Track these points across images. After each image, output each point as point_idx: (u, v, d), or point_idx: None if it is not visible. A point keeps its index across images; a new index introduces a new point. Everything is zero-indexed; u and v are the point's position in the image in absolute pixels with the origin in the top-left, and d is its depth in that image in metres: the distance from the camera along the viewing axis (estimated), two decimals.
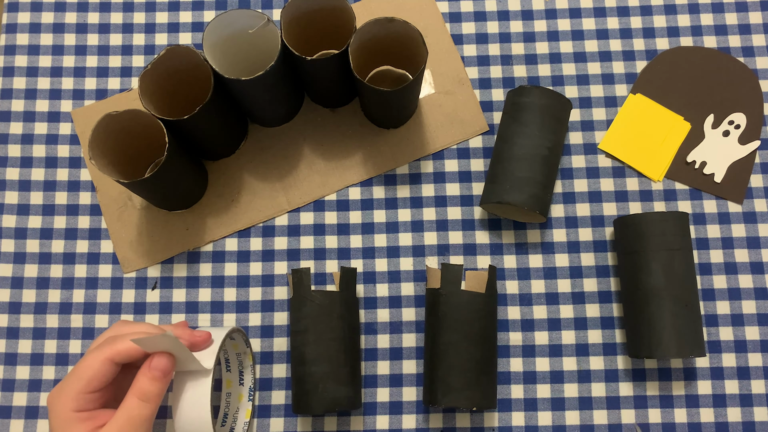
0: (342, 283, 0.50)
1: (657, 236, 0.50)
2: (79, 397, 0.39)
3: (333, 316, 0.48)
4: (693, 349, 0.48)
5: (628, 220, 0.51)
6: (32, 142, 0.58)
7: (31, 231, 0.56)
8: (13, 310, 0.55)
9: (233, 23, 0.48)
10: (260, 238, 0.56)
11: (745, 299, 0.54)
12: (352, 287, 0.51)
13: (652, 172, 0.56)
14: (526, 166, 0.51)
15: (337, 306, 0.49)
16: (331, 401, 0.47)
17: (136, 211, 0.57)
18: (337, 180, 0.57)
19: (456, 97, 0.58)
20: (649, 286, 0.49)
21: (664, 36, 0.59)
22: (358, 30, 0.47)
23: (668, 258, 0.49)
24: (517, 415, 0.53)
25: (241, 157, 0.58)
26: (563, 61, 0.59)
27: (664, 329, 0.48)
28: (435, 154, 0.57)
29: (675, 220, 0.50)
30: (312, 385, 0.47)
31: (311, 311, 0.49)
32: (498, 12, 0.60)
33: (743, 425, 0.52)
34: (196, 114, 0.47)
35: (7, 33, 0.60)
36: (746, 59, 0.58)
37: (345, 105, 0.58)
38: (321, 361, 0.48)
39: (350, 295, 0.50)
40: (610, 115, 0.58)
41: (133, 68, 0.60)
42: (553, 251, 0.55)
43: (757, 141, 0.57)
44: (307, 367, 0.48)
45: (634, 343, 0.50)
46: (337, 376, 0.48)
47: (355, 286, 0.51)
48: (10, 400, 0.54)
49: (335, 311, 0.49)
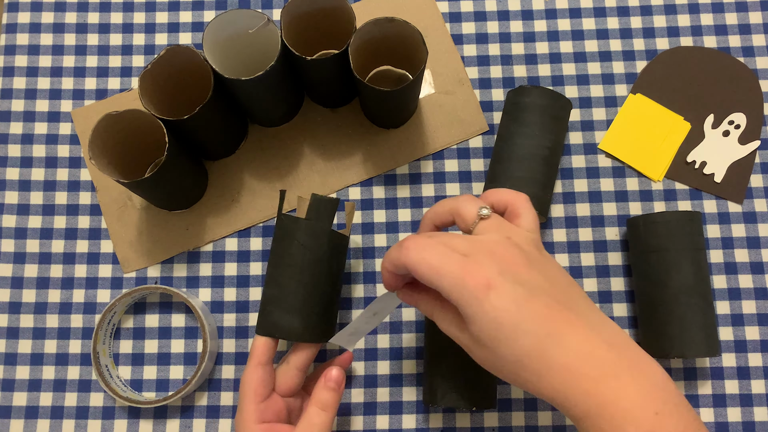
0: (311, 212, 0.47)
1: (686, 235, 0.50)
2: (257, 408, 0.43)
3: (293, 242, 0.47)
4: (717, 349, 0.49)
5: (656, 217, 0.50)
6: (32, 142, 0.58)
7: (31, 231, 0.56)
8: (13, 310, 0.55)
9: (233, 23, 0.48)
10: (260, 238, 0.56)
11: (745, 299, 0.54)
12: (326, 219, 0.48)
13: (652, 172, 0.56)
14: (526, 166, 0.51)
15: (299, 233, 0.47)
16: (272, 326, 0.46)
17: (136, 211, 0.57)
18: (337, 180, 0.57)
19: (456, 97, 0.58)
20: (680, 284, 0.49)
21: (664, 36, 0.59)
22: (358, 30, 0.47)
23: (696, 256, 0.49)
24: (517, 415, 0.53)
25: (241, 157, 0.58)
26: (563, 61, 0.59)
27: (695, 328, 0.48)
28: (435, 154, 0.57)
29: (698, 219, 0.50)
30: (262, 307, 0.47)
31: (277, 234, 0.48)
32: (498, 12, 0.60)
33: (743, 425, 0.52)
34: (196, 114, 0.47)
35: (7, 33, 0.60)
36: (746, 59, 0.58)
37: (345, 105, 0.58)
38: (272, 284, 0.47)
39: (322, 227, 0.47)
40: (610, 115, 0.58)
41: (133, 68, 0.60)
42: (553, 251, 0.55)
43: (757, 141, 0.57)
44: (264, 288, 0.48)
45: (660, 343, 0.49)
46: (283, 302, 0.46)
47: (332, 220, 0.48)
48: (10, 400, 0.54)
49: (297, 238, 0.47)
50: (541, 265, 0.37)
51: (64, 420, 0.53)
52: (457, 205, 0.40)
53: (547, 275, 0.37)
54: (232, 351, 0.54)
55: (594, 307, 0.38)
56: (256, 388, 0.44)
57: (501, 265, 0.35)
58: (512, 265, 0.36)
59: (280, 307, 0.46)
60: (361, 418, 0.53)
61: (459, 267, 0.35)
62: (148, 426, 0.53)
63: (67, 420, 0.53)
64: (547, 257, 0.39)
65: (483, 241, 0.37)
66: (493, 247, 0.36)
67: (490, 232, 0.38)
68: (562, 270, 0.38)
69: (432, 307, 0.40)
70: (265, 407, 0.44)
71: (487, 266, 0.35)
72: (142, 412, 0.53)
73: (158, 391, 0.54)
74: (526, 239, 0.38)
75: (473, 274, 0.35)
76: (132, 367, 0.54)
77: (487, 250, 0.36)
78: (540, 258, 0.38)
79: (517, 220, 0.39)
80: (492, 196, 0.41)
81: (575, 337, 0.35)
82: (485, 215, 0.38)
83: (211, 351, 0.52)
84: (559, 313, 0.35)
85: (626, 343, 0.36)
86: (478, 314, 0.35)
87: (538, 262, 0.37)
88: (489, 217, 0.38)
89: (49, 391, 0.54)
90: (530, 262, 0.37)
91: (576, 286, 0.38)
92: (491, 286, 0.35)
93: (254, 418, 0.43)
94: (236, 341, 0.55)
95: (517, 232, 0.38)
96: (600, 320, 0.37)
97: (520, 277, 0.35)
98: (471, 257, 0.36)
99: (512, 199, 0.40)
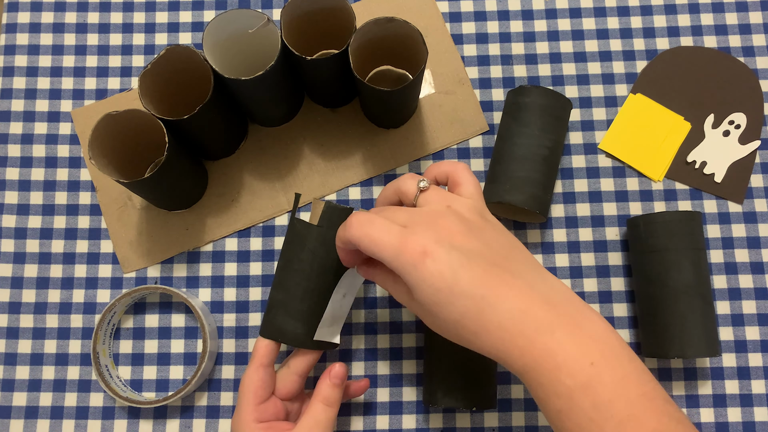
0: (324, 219, 0.48)
1: (686, 235, 0.50)
2: (256, 409, 0.44)
3: (304, 248, 0.47)
4: (717, 349, 0.49)
5: (657, 217, 0.50)
6: (32, 142, 0.58)
7: (31, 231, 0.56)
8: (13, 310, 0.55)
9: (233, 23, 0.48)
10: (260, 238, 0.56)
11: (745, 299, 0.54)
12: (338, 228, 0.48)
13: (652, 172, 0.56)
14: (526, 166, 0.51)
15: (311, 239, 0.47)
16: (277, 331, 0.46)
17: (136, 211, 0.57)
18: (337, 180, 0.57)
19: (456, 97, 0.58)
20: (680, 284, 0.49)
21: (664, 36, 0.59)
22: (358, 30, 0.47)
23: (696, 256, 0.49)
24: (517, 415, 0.52)
25: (241, 157, 0.58)
26: (563, 61, 0.59)
27: (696, 328, 0.48)
28: (435, 154, 0.57)
29: (698, 219, 0.50)
30: (267, 309, 0.47)
31: (288, 236, 0.48)
32: (498, 12, 0.60)
33: (743, 425, 0.52)
34: (196, 114, 0.47)
35: (7, 33, 0.60)
36: (746, 59, 0.58)
37: (345, 105, 0.58)
38: (280, 287, 0.47)
39: (333, 236, 0.47)
40: (610, 115, 0.58)
41: (133, 68, 0.60)
42: (553, 251, 0.55)
43: (757, 141, 0.57)
44: (271, 291, 0.48)
45: (660, 343, 0.49)
46: (289, 307, 0.47)
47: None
48: (10, 400, 0.54)
49: (308, 244, 0.47)
50: (479, 231, 0.38)
51: (64, 420, 0.53)
52: (398, 184, 0.42)
53: (485, 240, 0.38)
54: (232, 351, 0.54)
55: (535, 266, 0.39)
56: (256, 390, 0.44)
57: (438, 234, 0.37)
58: (449, 233, 0.37)
59: (286, 311, 0.47)
60: (361, 418, 0.53)
61: (397, 238, 0.37)
62: (148, 426, 0.53)
63: (67, 420, 0.53)
64: (490, 222, 0.40)
65: (422, 212, 0.39)
66: (432, 217, 0.38)
67: (431, 203, 0.40)
68: (505, 233, 0.40)
69: (385, 280, 0.41)
70: (264, 409, 0.45)
71: (423, 235, 0.37)
72: (142, 412, 0.53)
73: (158, 391, 0.54)
74: (466, 206, 0.39)
75: (410, 244, 0.36)
76: (132, 368, 0.54)
77: (425, 220, 0.38)
78: (480, 223, 0.39)
79: (458, 188, 0.41)
80: (433, 170, 0.43)
81: (511, 296, 0.36)
82: (424, 187, 0.40)
83: (211, 351, 0.52)
84: (496, 275, 0.36)
85: (566, 299, 0.37)
86: (417, 281, 0.36)
87: (478, 228, 0.38)
88: (428, 188, 0.40)
89: (49, 391, 0.54)
90: (469, 228, 0.38)
91: (517, 249, 0.39)
92: (427, 253, 0.36)
93: (253, 418, 0.44)
94: (236, 341, 0.55)
95: (457, 200, 0.40)
96: (540, 279, 0.38)
97: (456, 244, 0.37)
98: (409, 228, 0.37)
99: (452, 169, 0.42)
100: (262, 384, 0.45)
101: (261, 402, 0.45)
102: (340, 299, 0.48)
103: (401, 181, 0.42)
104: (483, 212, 0.40)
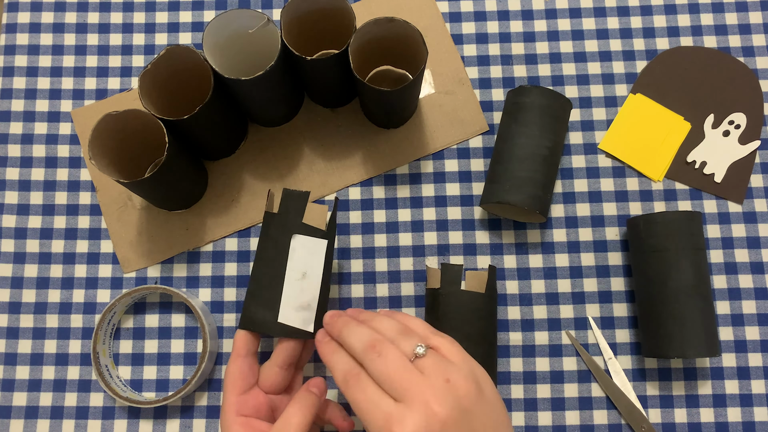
0: (282, 206, 0.48)
1: (686, 235, 0.50)
2: (237, 400, 0.44)
3: (267, 236, 0.48)
4: (717, 349, 0.49)
5: (656, 217, 0.50)
6: (32, 142, 0.58)
7: (31, 231, 0.56)
8: (13, 310, 0.55)
9: (233, 23, 0.48)
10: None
11: (745, 299, 0.54)
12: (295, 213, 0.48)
13: (652, 172, 0.56)
14: (526, 166, 0.51)
15: (272, 227, 0.48)
16: (248, 319, 0.47)
17: (136, 211, 0.57)
18: (337, 180, 0.57)
19: (456, 97, 0.58)
20: (680, 284, 0.49)
21: (664, 36, 0.59)
22: (358, 30, 0.47)
23: (696, 256, 0.49)
24: (517, 415, 0.52)
25: (241, 157, 0.58)
26: (563, 61, 0.59)
27: (696, 328, 0.48)
28: (435, 154, 0.57)
29: (698, 219, 0.50)
30: (244, 302, 0.48)
31: (261, 229, 0.49)
32: (498, 12, 0.60)
33: (743, 425, 0.52)
34: (196, 114, 0.47)
35: (7, 33, 0.60)
36: (746, 59, 0.58)
37: (345, 105, 0.58)
38: (251, 279, 0.48)
39: (292, 221, 0.47)
40: (610, 115, 0.58)
41: (133, 68, 0.60)
42: (553, 251, 0.55)
43: (757, 141, 0.57)
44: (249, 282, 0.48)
45: (660, 343, 0.49)
46: (258, 296, 0.47)
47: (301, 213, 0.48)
48: (10, 400, 0.54)
49: (270, 232, 0.48)
50: (470, 416, 0.37)
51: (64, 420, 0.53)
52: (398, 337, 0.40)
53: (474, 427, 0.37)
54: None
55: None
56: (234, 380, 0.45)
57: (429, 420, 0.36)
58: (441, 422, 0.36)
59: (256, 301, 0.47)
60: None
61: (384, 419, 0.36)
62: (148, 426, 0.53)
63: (67, 420, 0.53)
64: (484, 393, 0.39)
65: (420, 387, 0.37)
66: (429, 396, 0.37)
67: (430, 376, 0.38)
68: (495, 406, 0.39)
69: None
70: (244, 400, 0.45)
71: (413, 421, 0.36)
72: (142, 412, 0.53)
73: (158, 391, 0.54)
74: (464, 377, 0.38)
75: (399, 426, 0.36)
76: (132, 367, 0.54)
77: (421, 400, 0.36)
78: (475, 398, 0.38)
79: (447, 354, 0.40)
80: (410, 326, 0.41)
81: None
82: (420, 354, 0.39)
83: (211, 351, 0.52)
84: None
85: None
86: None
87: (469, 413, 0.37)
88: (425, 356, 0.39)
89: (49, 391, 0.54)
90: (462, 412, 0.37)
91: (502, 427, 0.39)
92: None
93: (233, 409, 0.44)
94: None
95: (455, 371, 0.38)
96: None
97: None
98: (402, 405, 0.37)
99: (437, 343, 0.40)
100: (240, 374, 0.45)
101: (241, 393, 0.45)
102: (298, 279, 0.47)
103: (400, 336, 0.40)
104: (478, 379, 0.39)
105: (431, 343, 0.40)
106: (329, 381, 0.53)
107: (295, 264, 0.47)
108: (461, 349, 0.40)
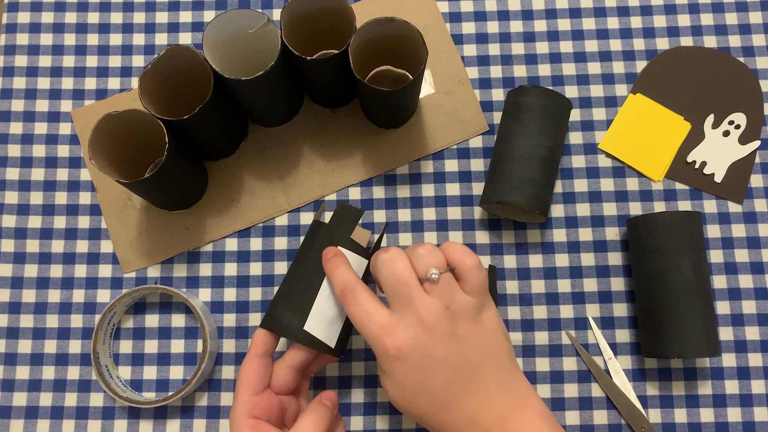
0: (334, 218, 0.49)
1: (686, 235, 0.50)
2: (249, 401, 0.44)
3: (313, 245, 0.48)
4: (717, 349, 0.49)
5: (656, 217, 0.50)
6: (32, 142, 0.58)
7: (31, 231, 0.56)
8: (13, 310, 0.55)
9: (233, 23, 0.48)
10: (260, 238, 0.56)
11: (745, 299, 0.54)
12: (346, 228, 0.49)
13: (652, 172, 0.56)
14: (526, 166, 0.51)
15: (320, 237, 0.48)
16: (274, 321, 0.46)
17: (136, 211, 0.57)
18: (337, 180, 0.57)
19: (456, 97, 0.58)
20: (680, 284, 0.49)
21: (664, 36, 0.59)
22: (358, 30, 0.47)
23: (696, 256, 0.49)
24: None
25: (241, 157, 0.58)
26: (563, 61, 0.59)
27: (696, 328, 0.48)
28: (435, 154, 0.57)
29: (698, 219, 0.50)
30: (272, 301, 0.48)
31: (306, 236, 0.49)
32: (498, 12, 0.60)
33: (743, 425, 0.52)
34: (196, 114, 0.47)
35: (7, 33, 0.60)
36: (746, 59, 0.58)
37: (345, 105, 0.58)
38: (285, 281, 0.48)
39: (341, 234, 0.48)
40: (610, 115, 0.58)
41: (133, 68, 0.60)
42: (553, 251, 0.55)
43: (757, 141, 0.57)
44: (279, 285, 0.48)
45: (660, 343, 0.49)
46: (289, 300, 0.47)
47: (352, 229, 0.49)
48: (10, 400, 0.54)
49: (316, 242, 0.48)
50: (461, 339, 0.41)
51: (64, 420, 0.53)
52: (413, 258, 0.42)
53: (463, 348, 0.41)
54: (232, 351, 0.54)
55: (505, 375, 0.41)
56: (250, 379, 0.45)
57: (418, 337, 0.40)
58: (430, 338, 0.40)
59: (285, 304, 0.47)
60: (361, 418, 0.53)
61: (378, 327, 0.41)
62: (148, 426, 0.53)
63: (67, 420, 0.53)
64: (480, 323, 0.42)
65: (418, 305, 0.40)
66: (424, 315, 0.40)
67: (433, 296, 0.41)
68: (489, 336, 0.42)
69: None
70: (257, 401, 0.44)
71: (404, 334, 0.40)
72: (142, 413, 0.53)
73: (158, 391, 0.54)
74: (463, 307, 0.41)
75: (390, 338, 0.40)
76: (132, 368, 0.54)
77: (416, 317, 0.40)
78: (469, 328, 0.41)
79: (463, 283, 0.42)
80: (449, 252, 0.43)
81: (468, 405, 0.40)
82: (433, 280, 0.41)
83: (211, 351, 0.52)
84: (459, 384, 0.40)
85: (517, 416, 0.40)
86: (387, 371, 0.41)
87: (462, 335, 0.41)
88: (437, 282, 0.41)
89: (49, 392, 0.54)
90: (453, 334, 0.40)
91: (495, 356, 0.42)
92: (400, 357, 0.40)
93: (245, 410, 0.43)
94: (236, 341, 0.55)
95: (457, 300, 0.41)
96: (505, 389, 0.41)
97: (431, 351, 0.40)
98: (397, 316, 0.41)
99: (461, 262, 0.42)
100: (255, 374, 0.45)
101: (255, 393, 0.44)
102: (327, 296, 0.47)
103: (416, 257, 0.42)
104: (479, 311, 0.42)
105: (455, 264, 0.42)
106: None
107: (327, 282, 0.47)
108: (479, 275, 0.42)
